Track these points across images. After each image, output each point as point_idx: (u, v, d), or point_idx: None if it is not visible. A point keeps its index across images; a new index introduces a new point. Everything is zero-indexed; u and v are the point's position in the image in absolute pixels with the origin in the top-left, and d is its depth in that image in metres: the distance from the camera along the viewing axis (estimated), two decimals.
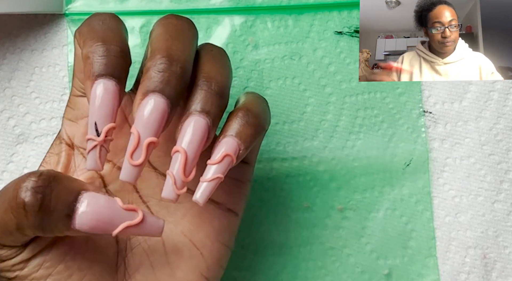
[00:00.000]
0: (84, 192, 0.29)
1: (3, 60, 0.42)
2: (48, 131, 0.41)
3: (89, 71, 0.29)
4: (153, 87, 0.29)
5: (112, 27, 0.31)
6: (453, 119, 0.41)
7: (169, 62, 0.29)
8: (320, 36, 0.42)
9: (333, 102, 0.41)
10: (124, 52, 0.30)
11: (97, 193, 0.29)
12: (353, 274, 0.40)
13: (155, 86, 0.29)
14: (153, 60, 0.30)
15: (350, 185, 0.41)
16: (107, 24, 0.31)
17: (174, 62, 0.30)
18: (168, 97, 0.29)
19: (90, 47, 0.30)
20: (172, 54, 0.30)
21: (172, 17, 0.32)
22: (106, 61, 0.29)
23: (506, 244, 0.40)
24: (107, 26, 0.31)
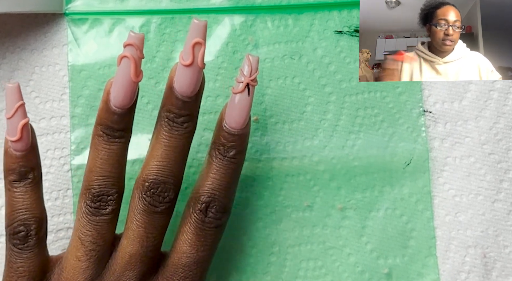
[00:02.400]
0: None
1: (3, 59, 0.42)
2: (48, 131, 0.41)
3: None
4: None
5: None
6: (453, 118, 0.41)
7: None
8: (320, 35, 0.42)
9: (333, 101, 0.41)
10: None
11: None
12: (353, 273, 0.40)
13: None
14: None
15: (350, 184, 0.41)
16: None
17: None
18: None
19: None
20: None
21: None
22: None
23: (506, 243, 0.40)
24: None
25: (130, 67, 0.32)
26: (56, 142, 0.41)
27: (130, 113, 0.34)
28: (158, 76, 0.41)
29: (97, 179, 0.33)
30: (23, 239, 0.33)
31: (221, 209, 0.34)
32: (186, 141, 0.34)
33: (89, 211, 0.33)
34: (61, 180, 0.41)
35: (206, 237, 0.34)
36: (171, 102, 0.33)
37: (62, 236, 0.40)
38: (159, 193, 0.33)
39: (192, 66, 0.33)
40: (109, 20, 0.42)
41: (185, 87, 0.33)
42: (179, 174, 0.34)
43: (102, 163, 0.33)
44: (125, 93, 0.33)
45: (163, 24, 0.42)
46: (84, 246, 0.33)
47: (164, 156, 0.33)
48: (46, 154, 0.41)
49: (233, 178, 0.35)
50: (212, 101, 0.41)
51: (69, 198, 0.41)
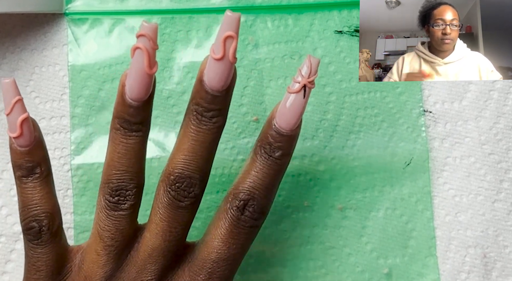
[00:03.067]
0: None
1: (3, 59, 0.42)
2: (48, 131, 0.41)
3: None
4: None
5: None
6: (453, 118, 0.41)
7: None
8: (320, 35, 0.42)
9: (333, 101, 0.41)
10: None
11: None
12: (353, 274, 0.40)
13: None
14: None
15: (350, 184, 0.41)
16: None
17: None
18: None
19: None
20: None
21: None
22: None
23: (506, 243, 0.40)
24: None
25: (143, 58, 0.31)
26: (56, 142, 0.41)
27: (147, 106, 0.33)
28: (158, 76, 0.41)
29: (115, 173, 0.33)
30: (37, 234, 0.33)
31: (259, 210, 0.33)
32: (214, 136, 0.33)
33: (107, 206, 0.33)
34: (61, 180, 0.41)
35: (239, 235, 0.33)
36: (200, 95, 0.32)
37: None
38: (185, 187, 0.32)
39: (223, 60, 0.31)
40: (109, 20, 0.42)
41: (215, 81, 0.32)
42: (205, 169, 0.33)
43: (119, 157, 0.33)
44: (140, 86, 0.32)
45: (163, 24, 0.42)
46: (103, 241, 0.33)
47: (191, 150, 0.32)
48: None
49: (275, 179, 0.34)
50: None
51: (69, 198, 0.41)
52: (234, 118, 0.41)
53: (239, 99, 0.41)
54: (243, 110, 0.41)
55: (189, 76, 0.41)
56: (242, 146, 0.41)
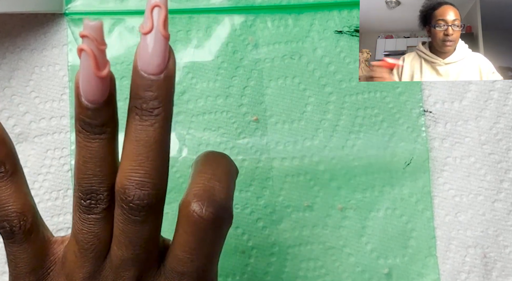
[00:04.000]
0: None
1: (3, 59, 0.42)
2: (48, 131, 0.41)
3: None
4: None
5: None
6: (453, 118, 0.41)
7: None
8: (320, 35, 0.42)
9: (333, 101, 0.41)
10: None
11: None
12: (354, 274, 0.40)
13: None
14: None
15: (350, 184, 0.41)
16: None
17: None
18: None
19: None
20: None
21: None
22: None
23: (507, 243, 0.40)
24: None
25: (90, 61, 0.27)
26: (56, 142, 0.41)
27: (107, 108, 0.29)
28: None
29: (83, 177, 0.30)
30: (9, 234, 0.31)
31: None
32: (159, 132, 0.28)
33: (80, 209, 0.31)
34: (61, 180, 0.41)
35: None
36: (136, 84, 0.28)
37: (62, 236, 0.40)
38: (136, 201, 0.29)
39: (152, 33, 0.27)
40: (109, 20, 0.42)
41: (148, 60, 0.28)
42: (157, 172, 0.29)
43: (85, 161, 0.30)
44: (92, 89, 0.28)
45: None
46: (78, 244, 0.31)
47: (135, 154, 0.29)
48: (46, 153, 0.41)
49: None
50: (212, 101, 0.41)
51: (69, 198, 0.41)
52: (234, 118, 0.41)
53: (239, 99, 0.41)
54: (243, 110, 0.41)
55: (189, 76, 0.41)
56: (242, 145, 0.41)
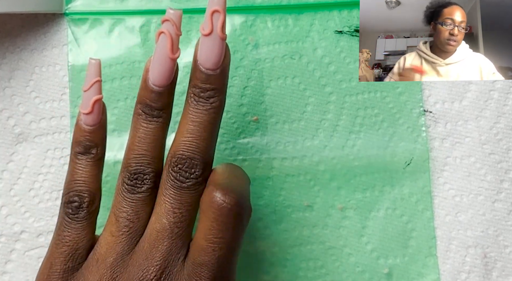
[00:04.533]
0: None
1: (3, 59, 0.42)
2: (48, 131, 0.41)
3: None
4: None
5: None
6: (454, 118, 0.41)
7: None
8: (320, 35, 0.42)
9: (333, 101, 0.41)
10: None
11: None
12: (354, 274, 0.40)
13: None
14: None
15: (350, 184, 0.41)
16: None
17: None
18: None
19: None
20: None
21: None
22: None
23: (507, 243, 0.40)
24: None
25: (167, 43, 0.32)
26: (56, 141, 0.41)
27: (168, 93, 0.34)
28: None
29: (134, 157, 0.33)
30: (75, 209, 0.33)
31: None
32: (212, 117, 0.33)
33: (125, 189, 0.33)
34: (61, 180, 0.41)
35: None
36: (195, 76, 0.33)
37: None
38: (186, 168, 0.33)
39: (211, 35, 0.32)
40: (109, 20, 0.42)
41: (207, 58, 0.33)
42: (206, 150, 0.33)
43: (139, 141, 0.34)
44: (162, 70, 0.33)
45: None
46: (118, 222, 0.33)
47: (190, 132, 0.33)
48: (46, 153, 0.41)
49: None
50: None
51: None
52: (234, 118, 0.41)
53: (239, 99, 0.41)
54: (243, 110, 0.41)
55: (189, 76, 0.41)
56: (242, 145, 0.41)
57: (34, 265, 0.40)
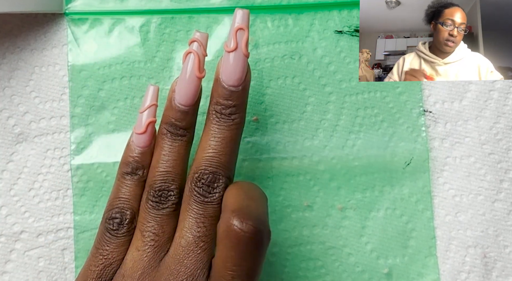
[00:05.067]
0: None
1: (2, 59, 0.42)
2: (48, 131, 0.41)
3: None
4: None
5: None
6: (453, 118, 0.41)
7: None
8: (320, 35, 0.42)
9: (333, 101, 0.41)
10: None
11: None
12: (353, 273, 0.40)
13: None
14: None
15: (350, 184, 0.41)
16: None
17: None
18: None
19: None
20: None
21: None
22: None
23: (507, 243, 0.40)
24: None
25: (194, 62, 0.34)
26: (56, 142, 0.41)
27: (193, 112, 0.35)
28: (158, 76, 0.41)
29: (159, 174, 0.34)
30: (117, 225, 0.35)
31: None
32: (234, 133, 0.34)
33: (150, 206, 0.34)
34: (61, 180, 0.41)
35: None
36: (217, 93, 0.34)
37: (62, 235, 0.40)
38: (208, 183, 0.33)
39: (236, 52, 0.34)
40: (109, 20, 0.42)
41: (231, 75, 0.34)
42: (228, 165, 0.34)
43: (163, 159, 0.35)
44: (188, 89, 0.34)
45: (163, 24, 0.42)
46: (143, 236, 0.34)
47: (213, 147, 0.34)
48: (46, 153, 0.41)
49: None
50: None
51: (69, 198, 0.41)
52: None
53: None
54: None
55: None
56: (242, 145, 0.41)
57: (34, 265, 0.40)
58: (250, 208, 0.32)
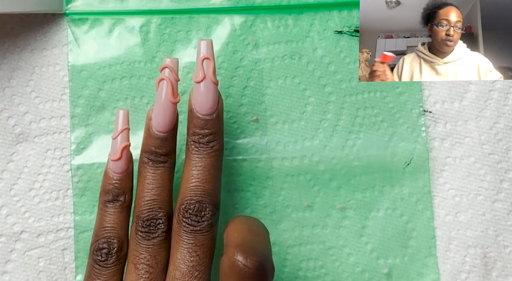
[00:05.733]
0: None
1: (3, 59, 0.42)
2: (48, 131, 0.41)
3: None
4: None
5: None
6: (453, 118, 0.41)
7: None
8: (320, 35, 0.42)
9: (333, 101, 0.41)
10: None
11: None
12: (353, 273, 0.40)
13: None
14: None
15: (350, 184, 0.41)
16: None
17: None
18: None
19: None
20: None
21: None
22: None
23: (506, 243, 0.40)
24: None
25: (168, 88, 0.34)
26: (56, 142, 0.41)
27: (172, 138, 0.35)
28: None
29: (145, 204, 0.34)
30: (105, 256, 0.34)
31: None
32: (215, 159, 0.35)
33: (140, 236, 0.34)
34: (61, 180, 0.41)
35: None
36: (193, 124, 0.35)
37: (62, 236, 0.40)
38: (196, 212, 0.34)
39: (204, 81, 0.34)
40: (109, 20, 0.42)
41: (203, 104, 0.34)
42: (213, 193, 0.34)
43: (148, 187, 0.35)
44: (165, 116, 0.34)
45: (163, 24, 0.42)
46: (137, 269, 0.34)
47: (195, 177, 0.34)
48: (46, 154, 0.41)
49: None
50: None
51: (69, 198, 0.41)
52: (234, 118, 0.41)
53: (239, 99, 0.41)
54: (243, 110, 0.41)
55: (189, 76, 0.41)
56: (242, 145, 0.41)
57: (34, 265, 0.40)
58: (253, 243, 0.32)
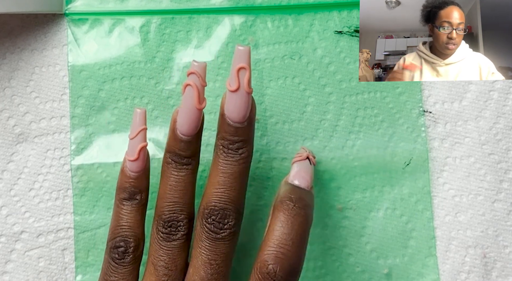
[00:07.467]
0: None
1: (3, 59, 0.42)
2: (48, 131, 0.41)
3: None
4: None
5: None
6: (453, 118, 0.41)
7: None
8: (320, 35, 0.42)
9: (333, 101, 0.41)
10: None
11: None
12: (353, 274, 0.40)
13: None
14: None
15: (350, 184, 0.41)
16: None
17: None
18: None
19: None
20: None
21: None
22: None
23: (506, 243, 0.40)
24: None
25: (193, 94, 0.33)
26: (56, 142, 0.41)
27: (196, 141, 0.35)
28: (158, 77, 0.41)
29: (167, 205, 0.34)
30: (122, 254, 0.35)
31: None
32: (242, 167, 0.34)
33: (161, 237, 0.34)
34: (61, 180, 0.41)
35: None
36: (224, 129, 0.34)
37: (62, 236, 0.40)
38: (219, 219, 0.33)
39: (238, 91, 0.33)
40: (109, 20, 0.42)
41: (235, 113, 0.34)
42: (238, 200, 0.34)
43: (171, 189, 0.35)
44: (190, 121, 0.34)
45: (163, 25, 0.42)
46: (157, 271, 0.34)
47: (222, 183, 0.34)
48: (46, 154, 0.41)
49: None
50: (212, 101, 0.41)
51: (69, 198, 0.41)
52: None
53: None
54: None
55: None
56: None
57: (34, 265, 0.40)
58: (287, 254, 0.33)
